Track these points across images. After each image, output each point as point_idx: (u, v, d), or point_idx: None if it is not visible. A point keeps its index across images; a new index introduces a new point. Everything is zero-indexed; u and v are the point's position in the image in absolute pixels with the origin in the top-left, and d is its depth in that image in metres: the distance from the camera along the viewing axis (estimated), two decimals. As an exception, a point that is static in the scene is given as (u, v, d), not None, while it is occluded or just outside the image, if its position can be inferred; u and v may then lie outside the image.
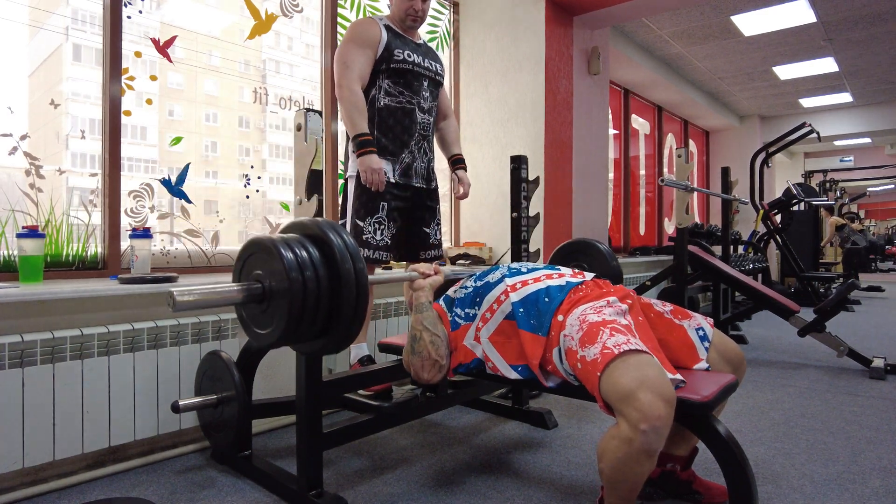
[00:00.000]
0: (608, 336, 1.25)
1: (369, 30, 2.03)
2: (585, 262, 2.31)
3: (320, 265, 1.19)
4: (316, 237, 1.23)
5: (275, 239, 1.19)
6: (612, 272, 2.24)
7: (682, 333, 1.51)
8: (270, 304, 1.20)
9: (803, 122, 5.79)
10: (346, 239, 1.23)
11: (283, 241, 1.19)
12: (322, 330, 1.23)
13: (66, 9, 2.09)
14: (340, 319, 1.21)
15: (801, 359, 3.61)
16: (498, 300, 1.53)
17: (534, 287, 1.50)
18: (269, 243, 1.18)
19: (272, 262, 1.17)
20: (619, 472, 1.17)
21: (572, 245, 2.39)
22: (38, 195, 1.98)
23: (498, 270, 1.63)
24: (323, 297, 1.18)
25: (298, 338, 1.22)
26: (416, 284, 1.60)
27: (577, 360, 1.28)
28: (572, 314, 1.38)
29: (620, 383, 1.16)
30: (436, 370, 1.52)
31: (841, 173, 11.36)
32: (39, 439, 1.65)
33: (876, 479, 1.79)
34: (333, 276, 1.19)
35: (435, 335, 1.52)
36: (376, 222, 2.03)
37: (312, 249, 1.20)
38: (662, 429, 1.11)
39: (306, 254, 1.18)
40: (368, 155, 1.93)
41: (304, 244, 1.20)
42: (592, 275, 1.60)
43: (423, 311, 1.55)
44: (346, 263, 1.19)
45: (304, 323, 1.18)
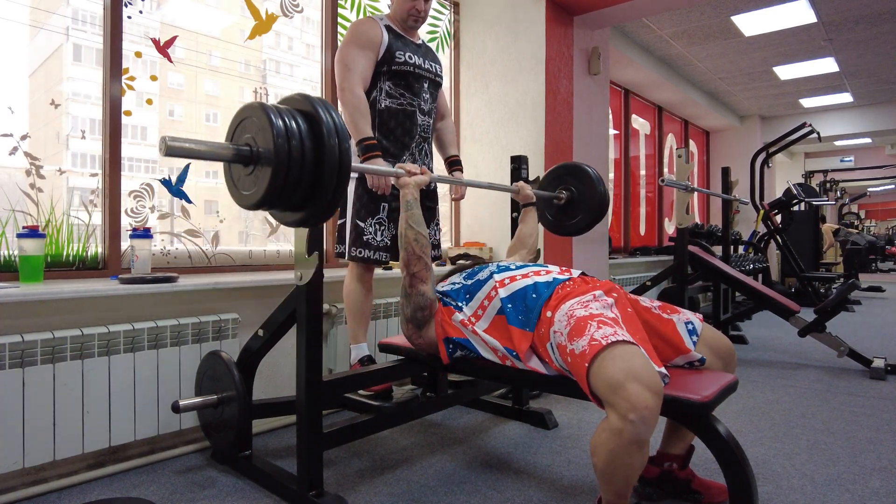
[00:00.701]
0: (596, 328, 1.27)
1: (370, 31, 2.03)
2: (574, 184, 2.39)
3: (307, 137, 1.23)
4: (307, 112, 1.27)
5: (268, 106, 1.23)
6: (599, 196, 2.32)
7: (670, 327, 1.52)
8: (256, 167, 1.25)
9: (804, 123, 5.79)
10: (335, 118, 1.27)
11: (276, 109, 1.23)
12: (303, 201, 1.28)
13: (66, 9, 2.09)
14: (321, 193, 1.26)
15: (801, 359, 3.61)
16: (489, 296, 1.58)
17: (521, 283, 1.55)
18: (261, 109, 1.22)
19: (262, 127, 1.21)
20: (612, 464, 1.18)
21: (561, 168, 2.46)
22: (39, 195, 1.98)
23: (487, 268, 1.68)
24: (307, 168, 1.23)
25: (279, 203, 1.27)
26: (402, 181, 1.72)
27: (567, 353, 1.31)
28: (560, 310, 1.41)
29: (608, 374, 1.17)
30: (421, 265, 1.63)
31: (841, 173, 11.36)
32: (40, 439, 1.65)
33: (876, 479, 1.79)
34: (318, 150, 1.24)
35: (419, 233, 1.64)
36: (377, 223, 2.03)
37: (302, 122, 1.24)
38: (650, 419, 1.13)
39: (295, 125, 1.23)
40: (374, 159, 1.93)
41: (294, 116, 1.24)
42: (579, 271, 1.64)
43: (410, 209, 1.67)
44: (332, 139, 1.24)
45: (286, 190, 1.23)
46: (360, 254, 2.02)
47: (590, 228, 2.40)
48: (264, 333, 1.77)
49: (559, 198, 2.39)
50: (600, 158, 4.08)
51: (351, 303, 2.09)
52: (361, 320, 2.09)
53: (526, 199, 2.21)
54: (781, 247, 6.04)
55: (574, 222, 2.39)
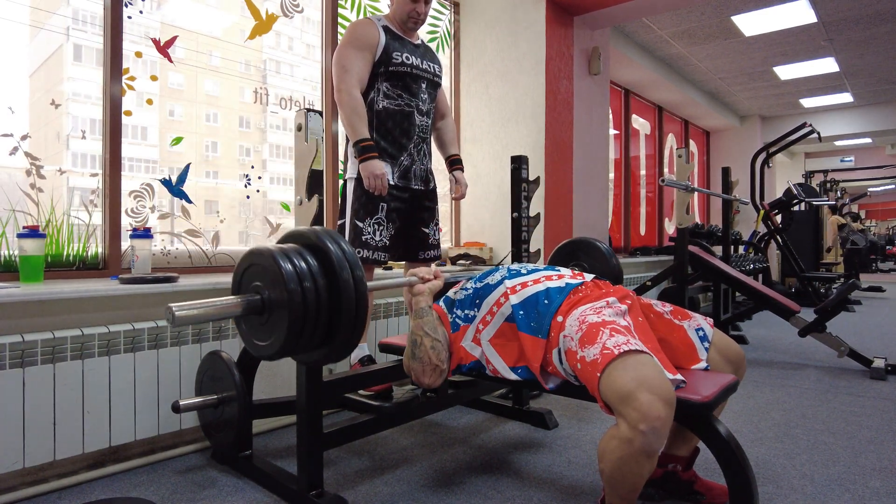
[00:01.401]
0: (608, 336, 1.25)
1: (367, 32, 2.03)
2: (585, 261, 2.31)
3: (319, 275, 1.18)
4: (314, 247, 1.22)
5: (273, 250, 1.18)
6: (612, 271, 2.24)
7: (682, 334, 1.51)
8: (270, 316, 1.19)
9: (804, 123, 5.78)
10: (344, 247, 1.22)
11: (282, 251, 1.18)
12: (322, 340, 1.23)
13: (66, 9, 2.09)
14: (340, 328, 1.20)
15: (801, 359, 3.61)
16: (498, 302, 1.53)
17: (533, 289, 1.50)
18: (267, 254, 1.17)
19: (271, 273, 1.16)
20: (620, 472, 1.17)
21: (572, 244, 2.39)
22: (39, 195, 1.98)
23: (498, 272, 1.62)
24: (322, 307, 1.18)
25: (299, 348, 1.21)
26: (416, 289, 1.59)
27: (577, 360, 1.28)
28: (571, 315, 1.38)
29: (620, 384, 1.16)
30: (436, 374, 1.51)
31: (841, 173, 11.35)
32: (40, 439, 1.65)
33: (877, 479, 1.79)
34: (332, 286, 1.19)
35: (435, 340, 1.51)
36: (375, 223, 2.04)
37: (311, 259, 1.20)
38: (662, 429, 1.11)
39: (305, 264, 1.18)
40: (371, 160, 1.93)
41: (302, 254, 1.20)
42: (592, 276, 1.59)
43: (423, 315, 1.54)
44: (345, 273, 1.19)
45: (305, 334, 1.18)
46: (360, 254, 2.02)
47: None
48: (264, 333, 1.76)
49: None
50: (600, 158, 4.08)
51: None
52: None
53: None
54: (782, 247, 6.04)
55: None
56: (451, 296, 1.66)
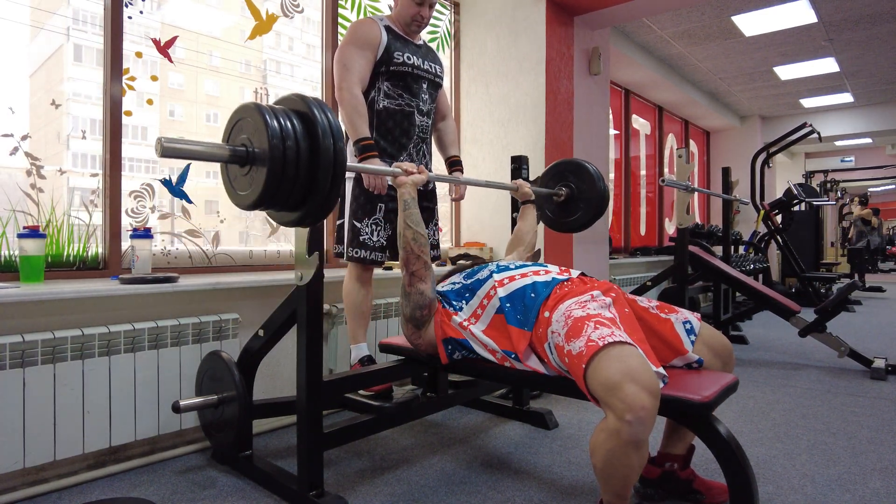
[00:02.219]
0: (593, 329, 1.28)
1: (369, 31, 2.03)
2: (574, 182, 2.38)
3: (302, 137, 1.23)
4: (302, 112, 1.27)
5: (263, 107, 1.23)
6: (599, 193, 2.31)
7: (668, 326, 1.52)
8: (252, 168, 1.25)
9: (804, 123, 5.79)
10: (329, 118, 1.27)
11: (271, 110, 1.23)
12: (299, 201, 1.29)
13: (67, 9, 2.10)
14: (317, 192, 1.26)
15: (801, 359, 3.61)
16: (488, 295, 1.58)
17: (520, 283, 1.55)
18: (256, 110, 1.22)
19: (258, 128, 1.22)
20: (610, 465, 1.18)
21: (561, 165, 2.44)
22: (39, 195, 1.98)
23: (487, 268, 1.68)
24: (302, 168, 1.23)
25: (275, 203, 1.27)
26: (399, 181, 1.71)
27: (565, 354, 1.31)
28: (558, 310, 1.41)
29: (605, 375, 1.18)
30: (420, 264, 1.63)
31: (842, 173, 11.35)
32: (40, 439, 1.65)
33: (877, 479, 1.79)
34: (314, 150, 1.24)
35: (417, 232, 1.64)
36: (374, 223, 2.04)
37: (297, 122, 1.25)
38: (647, 419, 1.13)
39: (290, 125, 1.23)
40: (371, 159, 1.93)
41: (289, 116, 1.25)
42: (578, 272, 1.64)
43: (407, 208, 1.66)
44: (327, 139, 1.24)
45: (282, 190, 1.23)
46: (357, 254, 2.02)
47: (590, 225, 2.39)
48: (265, 333, 1.77)
49: (559, 194, 2.38)
50: (601, 158, 4.07)
51: (350, 303, 2.09)
52: (361, 320, 2.09)
53: (524, 197, 2.22)
54: (782, 247, 6.04)
55: (574, 219, 2.39)
56: (439, 288, 1.73)
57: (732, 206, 5.28)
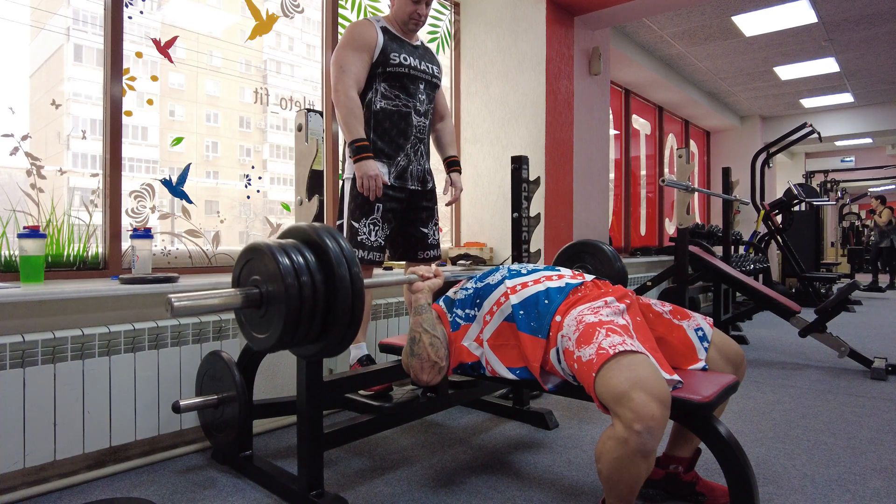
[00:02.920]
0: (604, 336, 1.25)
1: (365, 33, 2.03)
2: (590, 263, 2.32)
3: (316, 270, 1.20)
4: (312, 243, 1.24)
5: (272, 245, 1.20)
6: (616, 273, 2.24)
7: (681, 333, 1.51)
8: (268, 309, 1.21)
9: (804, 123, 5.78)
10: (341, 244, 1.24)
11: (280, 246, 1.20)
12: (319, 334, 1.25)
13: (67, 9, 2.10)
14: (336, 324, 1.22)
15: (802, 359, 3.61)
16: (498, 302, 1.53)
17: (533, 289, 1.50)
18: (265, 249, 1.19)
19: (269, 267, 1.18)
20: (616, 472, 1.17)
21: (577, 246, 2.39)
22: (40, 195, 1.98)
23: (498, 272, 1.62)
24: (319, 301, 1.19)
25: (295, 342, 1.23)
26: (415, 287, 1.60)
27: (574, 360, 1.29)
28: (570, 315, 1.38)
29: (614, 384, 1.16)
30: (435, 371, 1.52)
31: (842, 174, 11.34)
32: (40, 439, 1.65)
33: (877, 479, 1.79)
34: (329, 281, 1.20)
35: (434, 336, 1.52)
36: (371, 223, 2.04)
37: (309, 255, 1.21)
38: (656, 429, 1.11)
39: (302, 259, 1.20)
40: (365, 161, 1.94)
41: (300, 250, 1.22)
42: (592, 276, 1.60)
43: (422, 312, 1.55)
44: (342, 269, 1.20)
45: (301, 327, 1.19)
46: (356, 254, 2.02)
47: None
48: (265, 334, 1.76)
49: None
50: (601, 159, 4.08)
51: None
52: (362, 320, 2.09)
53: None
54: (782, 247, 6.03)
55: None
56: (450, 295, 1.67)
57: (733, 207, 5.27)
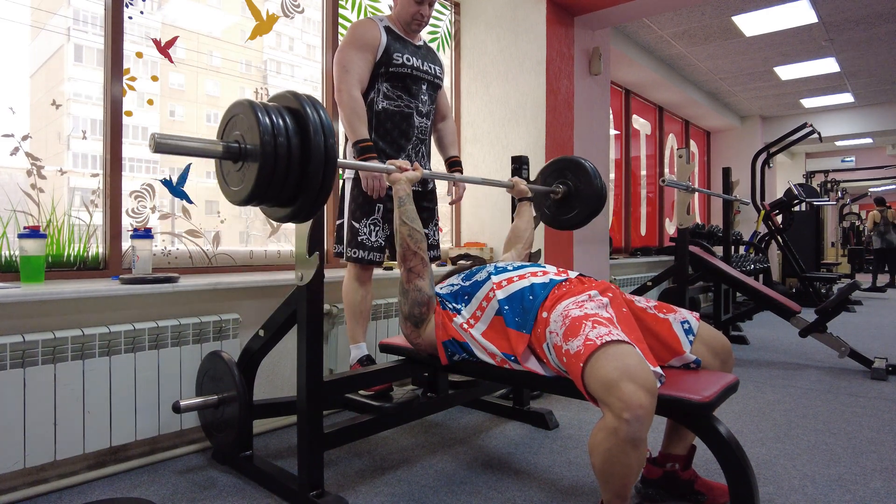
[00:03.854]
0: (590, 328, 1.28)
1: (368, 32, 2.03)
2: (572, 179, 2.38)
3: (294, 134, 1.25)
4: (293, 109, 1.28)
5: (256, 104, 1.25)
6: (596, 191, 2.32)
7: (666, 326, 1.52)
8: (244, 164, 1.27)
9: (804, 123, 5.79)
10: (321, 114, 1.28)
11: (263, 106, 1.25)
12: (290, 198, 1.31)
13: (67, 9, 2.10)
14: (308, 188, 1.27)
15: (802, 359, 3.61)
16: (487, 297, 1.58)
17: (518, 285, 1.55)
18: (249, 107, 1.24)
19: (250, 124, 1.23)
20: (609, 464, 1.18)
21: (560, 163, 2.44)
22: (40, 195, 1.99)
23: (484, 269, 1.68)
24: (293, 164, 1.25)
25: (266, 198, 1.29)
26: (393, 177, 1.72)
27: (563, 353, 1.31)
28: (556, 310, 1.42)
29: (602, 374, 1.18)
30: (417, 260, 1.64)
31: (842, 174, 11.35)
32: (40, 439, 1.65)
33: (877, 480, 1.79)
34: (305, 147, 1.26)
35: (413, 229, 1.65)
36: (372, 223, 2.04)
37: (289, 119, 1.26)
38: (645, 417, 1.13)
39: (282, 122, 1.24)
40: (370, 161, 1.93)
41: (281, 113, 1.26)
42: (576, 273, 1.64)
43: (402, 205, 1.67)
44: (318, 137, 1.25)
45: (273, 185, 1.25)
46: (355, 254, 2.03)
47: (587, 222, 2.39)
48: (265, 334, 1.77)
49: (556, 192, 2.39)
50: (601, 159, 4.07)
51: (349, 303, 2.09)
52: (360, 320, 2.10)
53: (521, 194, 2.21)
54: (782, 247, 6.03)
55: (571, 216, 2.39)
56: (437, 289, 1.73)
57: (733, 207, 5.28)
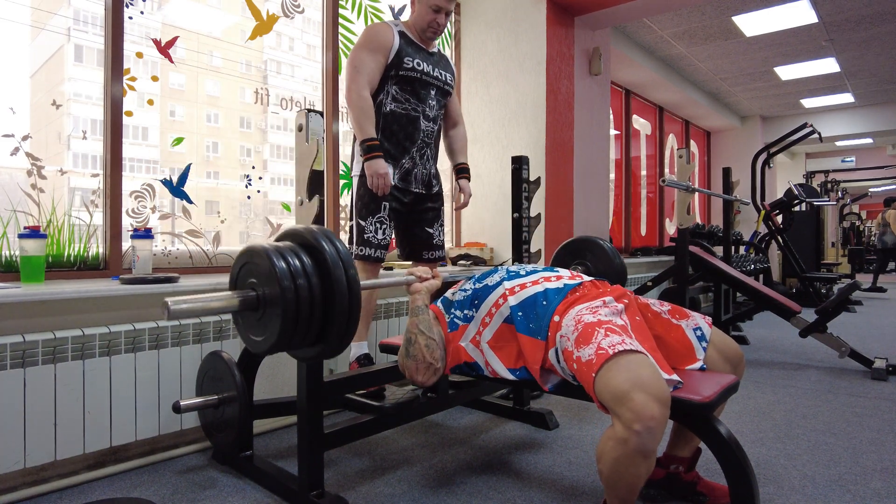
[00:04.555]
0: (603, 336, 1.25)
1: (382, 35, 2.06)
2: (590, 260, 2.33)
3: (313, 273, 1.20)
4: (308, 245, 1.24)
5: (268, 248, 1.20)
6: (615, 270, 2.25)
7: (679, 333, 1.51)
8: (265, 312, 1.21)
9: (805, 123, 5.78)
10: (338, 246, 1.24)
11: (276, 249, 1.20)
12: (317, 337, 1.25)
13: (67, 10, 2.10)
14: (334, 325, 1.22)
15: (802, 359, 3.61)
16: (496, 304, 1.53)
17: (532, 290, 1.50)
18: (262, 252, 1.20)
19: (266, 270, 1.19)
20: (617, 473, 1.17)
21: (576, 243, 2.40)
22: (40, 195, 1.99)
23: (496, 273, 1.62)
24: (316, 304, 1.20)
25: (293, 344, 1.23)
26: (413, 288, 1.60)
27: (574, 360, 1.29)
28: (568, 315, 1.38)
29: (614, 384, 1.16)
30: (430, 373, 1.52)
31: (843, 174, 11.34)
32: (41, 439, 1.65)
33: (877, 480, 1.79)
34: (326, 284, 1.21)
35: (430, 338, 1.52)
36: (378, 221, 2.06)
37: (305, 257, 1.22)
38: (656, 429, 1.11)
39: (299, 262, 1.20)
40: (375, 160, 1.97)
41: (296, 252, 1.22)
42: (591, 277, 1.59)
43: (419, 314, 1.55)
44: (338, 270, 1.20)
45: (299, 330, 1.19)
46: (362, 251, 2.05)
47: None
48: (265, 334, 1.76)
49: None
50: (601, 159, 4.07)
51: None
52: (364, 318, 2.10)
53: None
54: (782, 247, 6.03)
55: None
56: (448, 296, 1.67)
57: (733, 207, 5.27)
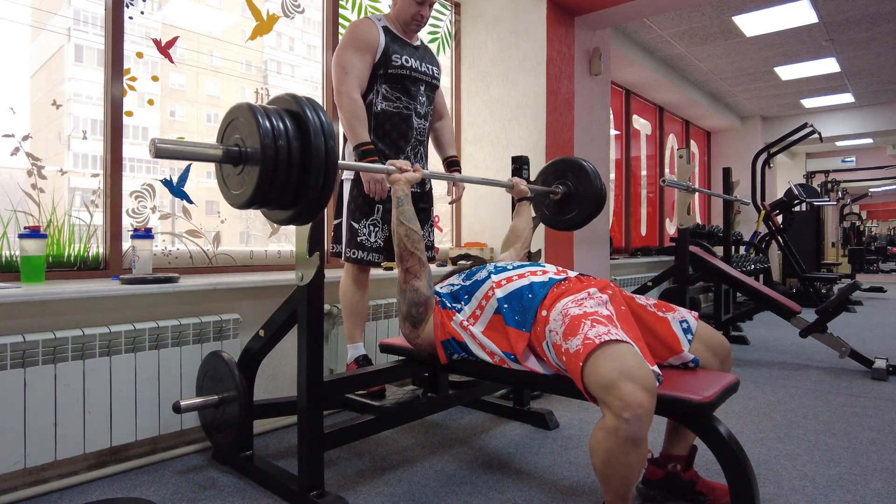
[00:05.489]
0: (589, 327, 1.28)
1: (367, 33, 2.02)
2: (572, 180, 2.40)
3: (294, 137, 1.25)
4: (294, 112, 1.28)
5: (255, 107, 1.25)
6: (596, 192, 2.33)
7: (665, 325, 1.52)
8: (245, 167, 1.27)
9: (805, 123, 5.78)
10: (321, 117, 1.28)
11: (263, 110, 1.25)
12: (291, 200, 1.30)
13: (68, 10, 2.10)
14: (309, 191, 1.28)
15: (802, 360, 3.61)
16: (486, 296, 1.58)
17: (518, 283, 1.55)
18: (249, 110, 1.24)
19: (250, 128, 1.23)
20: (609, 464, 1.18)
21: (560, 163, 2.45)
22: (40, 195, 1.99)
23: (485, 269, 1.68)
24: (294, 167, 1.25)
25: (267, 202, 1.29)
26: (393, 178, 1.73)
27: (563, 352, 1.32)
28: (555, 309, 1.42)
29: (601, 373, 1.18)
30: (414, 261, 1.64)
31: (843, 174, 11.34)
32: (41, 439, 1.65)
33: (878, 480, 1.79)
34: (305, 150, 1.26)
35: (410, 229, 1.65)
36: (371, 224, 2.04)
37: (289, 122, 1.26)
38: (644, 417, 1.13)
39: (282, 125, 1.24)
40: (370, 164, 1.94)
41: (281, 116, 1.26)
42: (576, 272, 1.64)
43: (400, 205, 1.68)
44: (318, 139, 1.25)
45: (274, 189, 1.25)
46: (354, 255, 2.03)
47: (587, 223, 2.40)
48: (265, 334, 1.77)
49: (556, 192, 2.39)
50: (602, 159, 4.07)
51: (346, 303, 2.10)
52: (357, 320, 2.10)
53: (520, 195, 2.21)
54: (783, 247, 6.03)
55: (571, 217, 2.40)
56: (437, 289, 1.73)
57: (733, 207, 5.27)
